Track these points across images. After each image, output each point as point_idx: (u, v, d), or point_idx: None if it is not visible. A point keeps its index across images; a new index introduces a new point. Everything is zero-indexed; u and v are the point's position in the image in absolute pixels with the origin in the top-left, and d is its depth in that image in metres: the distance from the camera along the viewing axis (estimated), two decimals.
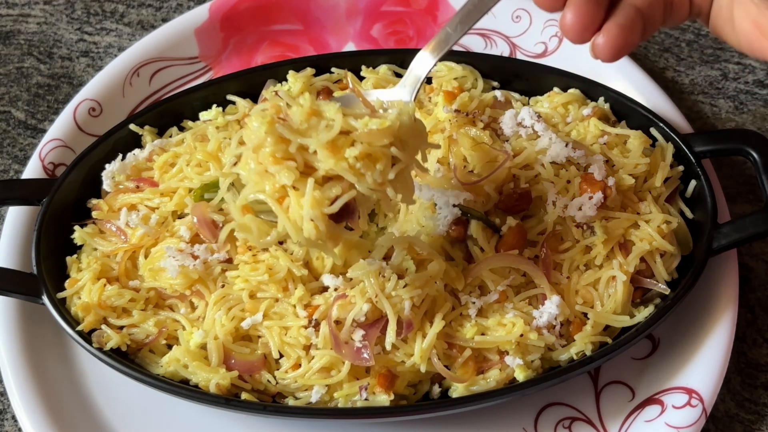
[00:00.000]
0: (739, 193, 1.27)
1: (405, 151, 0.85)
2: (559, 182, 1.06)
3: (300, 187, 0.82)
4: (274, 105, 0.84)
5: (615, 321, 1.03)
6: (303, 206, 0.82)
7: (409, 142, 0.86)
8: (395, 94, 0.99)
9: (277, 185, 0.83)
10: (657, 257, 1.06)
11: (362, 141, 0.82)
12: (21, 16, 1.50)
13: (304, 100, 0.83)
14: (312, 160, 0.83)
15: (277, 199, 0.84)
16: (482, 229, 1.03)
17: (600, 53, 0.90)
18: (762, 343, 1.14)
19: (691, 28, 1.46)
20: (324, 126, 0.82)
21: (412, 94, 0.99)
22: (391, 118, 0.83)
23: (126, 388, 1.07)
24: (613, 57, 0.90)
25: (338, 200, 0.83)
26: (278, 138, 0.82)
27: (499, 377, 0.99)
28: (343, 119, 0.82)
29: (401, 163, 0.85)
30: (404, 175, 0.86)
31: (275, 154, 0.82)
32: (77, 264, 1.09)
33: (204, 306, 1.04)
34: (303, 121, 0.82)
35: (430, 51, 0.97)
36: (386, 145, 0.83)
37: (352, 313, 0.97)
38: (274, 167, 0.82)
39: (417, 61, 0.98)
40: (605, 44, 0.89)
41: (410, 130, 0.86)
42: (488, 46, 1.38)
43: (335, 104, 0.83)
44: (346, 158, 0.81)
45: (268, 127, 0.81)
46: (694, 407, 1.01)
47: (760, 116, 1.35)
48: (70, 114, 1.26)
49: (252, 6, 1.38)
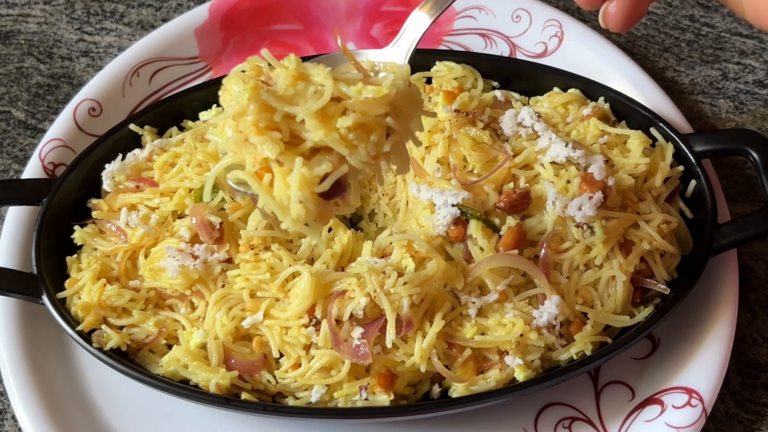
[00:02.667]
0: (739, 193, 1.27)
1: (400, 119, 0.77)
2: (559, 182, 1.06)
3: (285, 162, 0.74)
4: (254, 66, 0.76)
5: (615, 321, 1.03)
6: (290, 185, 0.74)
7: (404, 109, 0.78)
8: (388, 55, 0.91)
9: (258, 158, 0.75)
10: (657, 257, 1.06)
11: (355, 110, 0.74)
12: (21, 16, 1.50)
13: (290, 62, 0.75)
14: (299, 130, 0.75)
15: (257, 172, 0.76)
16: (482, 228, 1.03)
17: (611, 22, 0.85)
18: (762, 343, 1.14)
19: (691, 28, 1.46)
20: (312, 92, 0.74)
21: (406, 56, 0.92)
22: (387, 85, 0.75)
23: (126, 388, 1.07)
24: (625, 27, 0.85)
25: (329, 178, 0.75)
26: (262, 105, 0.73)
27: (499, 377, 0.99)
28: (334, 85, 0.74)
29: (396, 134, 0.78)
30: (399, 147, 0.79)
31: (258, 123, 0.73)
32: (77, 264, 1.09)
33: (204, 306, 1.04)
34: (289, 86, 0.74)
35: (426, 10, 0.91)
36: (381, 115, 0.75)
37: (350, 307, 0.97)
38: (257, 138, 0.73)
39: (412, 20, 0.91)
40: (617, 13, 0.84)
41: (405, 97, 0.78)
42: (488, 46, 1.38)
43: (324, 67, 0.75)
44: (337, 129, 0.74)
45: (251, 93, 0.73)
46: (694, 407, 1.01)
47: (760, 116, 1.35)
48: (70, 114, 1.26)
49: (252, 6, 1.39)
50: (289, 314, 1.00)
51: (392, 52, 0.92)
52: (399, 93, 0.76)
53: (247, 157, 0.75)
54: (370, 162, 0.76)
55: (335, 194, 0.77)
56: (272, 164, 0.75)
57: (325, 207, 0.77)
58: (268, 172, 0.75)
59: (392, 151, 0.78)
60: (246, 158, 0.75)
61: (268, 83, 0.75)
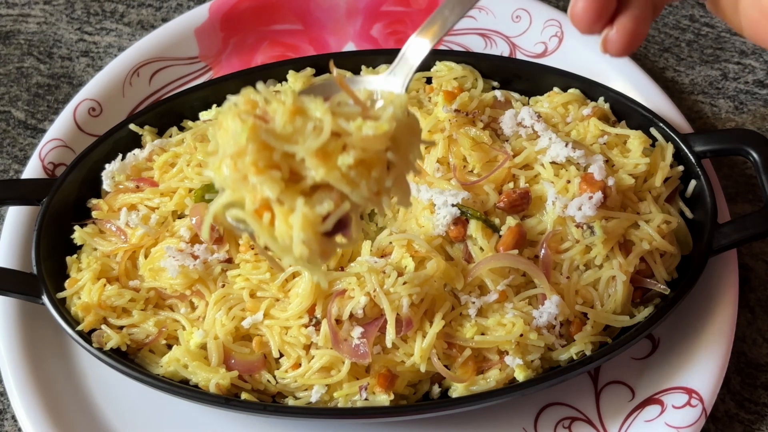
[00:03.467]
0: (739, 193, 1.27)
1: (400, 151, 0.76)
2: (559, 182, 1.06)
3: (286, 201, 0.72)
4: (249, 100, 0.75)
5: (615, 321, 1.03)
6: (292, 227, 0.72)
7: (404, 140, 0.77)
8: (385, 84, 0.88)
9: (258, 197, 0.73)
10: (657, 257, 1.06)
11: (356, 146, 0.73)
12: (21, 16, 1.50)
13: (286, 97, 0.73)
14: (299, 167, 0.73)
15: (257, 210, 0.74)
16: (482, 228, 1.03)
17: (612, 48, 0.82)
18: (762, 343, 1.14)
19: (691, 28, 1.46)
20: (311, 129, 0.72)
21: (404, 85, 0.88)
22: (386, 119, 0.74)
23: (126, 388, 1.07)
24: (626, 52, 0.82)
25: (331, 217, 0.73)
26: (261, 145, 0.71)
27: (499, 377, 0.99)
28: (333, 121, 0.72)
29: (397, 168, 0.77)
30: (400, 179, 0.78)
31: (257, 163, 0.71)
32: (77, 264, 1.09)
33: (204, 306, 1.04)
34: (287, 122, 0.72)
35: (424, 36, 0.86)
36: (382, 150, 0.74)
37: (350, 306, 0.97)
38: (257, 178, 0.72)
39: (410, 47, 0.87)
40: (619, 40, 0.81)
41: (405, 128, 0.77)
42: (488, 46, 1.38)
43: (322, 102, 0.74)
44: (338, 167, 0.72)
45: (249, 134, 0.71)
46: (694, 407, 1.01)
47: (760, 116, 1.35)
48: (70, 114, 1.26)
49: (252, 6, 1.39)
50: (289, 314, 1.00)
51: (389, 79, 0.88)
52: (399, 125, 0.75)
53: (246, 197, 0.73)
54: (372, 198, 0.75)
55: (337, 231, 0.75)
56: (273, 203, 0.73)
57: (327, 244, 0.75)
58: (267, 210, 0.74)
59: (393, 184, 0.76)
60: (245, 196, 0.74)
61: (265, 118, 0.73)
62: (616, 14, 0.81)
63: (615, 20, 0.81)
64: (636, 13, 0.80)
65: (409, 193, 0.80)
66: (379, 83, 0.88)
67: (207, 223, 0.78)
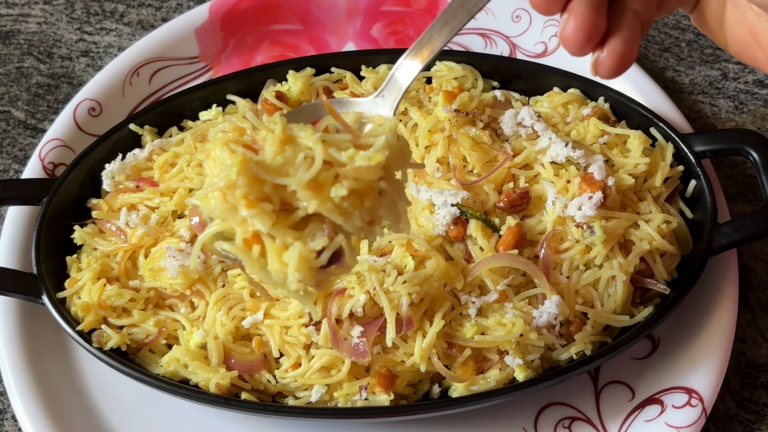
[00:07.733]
0: (739, 193, 1.27)
1: (392, 180, 0.75)
2: (559, 182, 1.06)
3: (278, 236, 0.71)
4: (236, 128, 0.73)
5: (615, 321, 1.03)
6: (287, 264, 0.71)
7: (394, 166, 0.76)
8: (373, 106, 0.87)
9: (249, 230, 0.72)
10: (657, 257, 1.06)
11: (348, 177, 0.71)
12: (21, 16, 1.50)
13: (275, 125, 0.72)
14: (289, 198, 0.72)
15: (246, 241, 0.73)
16: (482, 228, 1.03)
17: (603, 71, 0.82)
18: (762, 343, 1.14)
19: (690, 28, 1.46)
20: (302, 159, 0.71)
21: (392, 108, 0.86)
22: (379, 149, 0.73)
23: (126, 388, 1.07)
24: (616, 74, 0.82)
25: (325, 252, 0.72)
26: (252, 178, 0.70)
27: (499, 377, 0.99)
28: (324, 151, 0.71)
29: (390, 196, 0.76)
30: (392, 206, 0.77)
31: (248, 197, 0.70)
32: (77, 264, 1.09)
33: (204, 306, 1.04)
34: (277, 153, 0.71)
35: (413, 59, 0.85)
36: (375, 179, 0.73)
37: (350, 304, 0.97)
38: (248, 211, 0.70)
39: (399, 69, 0.86)
40: (610, 63, 0.80)
41: (396, 153, 0.76)
42: (488, 46, 1.38)
43: (311, 130, 0.72)
44: (331, 198, 0.71)
45: (240, 167, 0.70)
46: (694, 407, 1.01)
47: (760, 116, 1.35)
48: (70, 114, 1.26)
49: (252, 6, 1.39)
50: (289, 313, 1.00)
51: (378, 102, 0.87)
52: (391, 151, 0.74)
53: (236, 230, 0.72)
54: (365, 228, 0.74)
55: (332, 263, 0.75)
56: (264, 237, 0.72)
57: (321, 276, 0.74)
58: (257, 242, 0.73)
59: (385, 211, 0.76)
60: (235, 228, 0.72)
61: (253, 147, 0.72)
62: (606, 36, 0.80)
63: (605, 43, 0.81)
64: (626, 35, 0.80)
65: (400, 219, 0.79)
66: (368, 105, 0.87)
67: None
